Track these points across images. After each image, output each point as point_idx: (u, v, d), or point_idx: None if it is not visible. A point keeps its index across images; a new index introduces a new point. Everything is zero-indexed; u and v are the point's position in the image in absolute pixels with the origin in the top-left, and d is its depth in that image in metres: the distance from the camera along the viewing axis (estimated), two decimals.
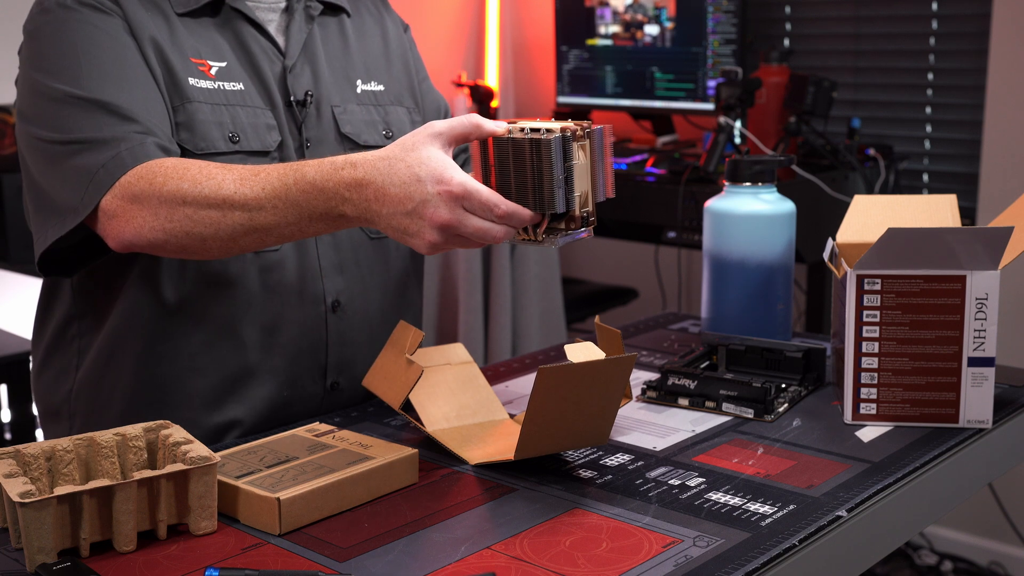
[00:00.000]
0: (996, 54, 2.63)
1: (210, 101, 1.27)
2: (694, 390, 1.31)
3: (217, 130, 1.27)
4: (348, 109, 1.38)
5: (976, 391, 1.21)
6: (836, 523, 1.00)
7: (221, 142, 1.27)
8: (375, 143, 1.38)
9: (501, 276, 2.69)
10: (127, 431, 1.05)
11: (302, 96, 1.34)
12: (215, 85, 1.29)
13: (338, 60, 1.40)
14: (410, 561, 0.94)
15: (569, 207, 1.08)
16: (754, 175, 1.45)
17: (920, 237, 1.18)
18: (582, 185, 1.09)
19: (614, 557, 0.94)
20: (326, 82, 1.37)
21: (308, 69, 1.36)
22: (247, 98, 1.30)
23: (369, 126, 1.39)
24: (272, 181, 1.11)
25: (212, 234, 1.14)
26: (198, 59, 1.28)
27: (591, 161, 1.09)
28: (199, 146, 1.25)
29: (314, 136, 1.34)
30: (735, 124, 2.50)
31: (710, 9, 2.84)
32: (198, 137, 1.25)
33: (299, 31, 1.36)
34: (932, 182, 2.88)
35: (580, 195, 1.08)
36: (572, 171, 1.07)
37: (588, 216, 1.10)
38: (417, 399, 1.23)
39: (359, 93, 1.40)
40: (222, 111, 1.28)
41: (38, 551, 0.92)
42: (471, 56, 3.48)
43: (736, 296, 1.46)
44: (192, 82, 1.27)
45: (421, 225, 1.05)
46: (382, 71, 1.45)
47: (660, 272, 3.12)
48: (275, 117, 1.31)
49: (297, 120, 1.33)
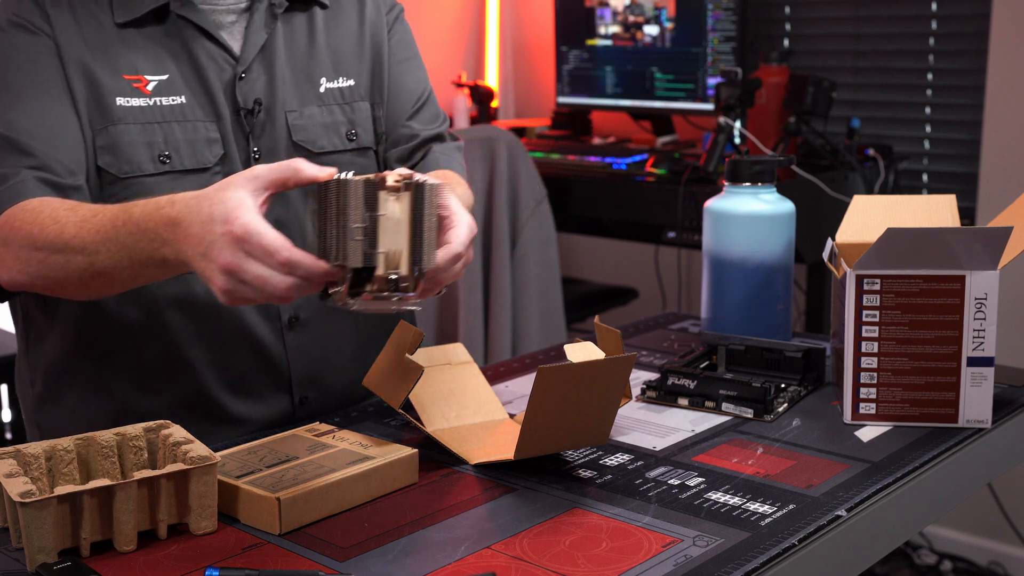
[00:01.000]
0: (996, 54, 2.63)
1: (140, 120, 1.24)
2: (694, 390, 1.31)
3: (145, 151, 1.23)
4: (306, 113, 1.33)
5: (975, 391, 1.21)
6: (836, 523, 1.00)
7: (148, 163, 1.23)
8: (333, 148, 1.35)
9: (501, 276, 2.69)
10: (127, 431, 1.05)
11: (251, 105, 1.29)
12: (150, 102, 1.24)
13: (301, 59, 1.35)
14: (410, 561, 0.94)
15: (368, 262, 0.95)
16: (754, 175, 1.45)
17: (920, 237, 1.18)
18: (392, 242, 0.96)
19: (614, 557, 0.94)
20: (283, 86, 1.32)
21: (263, 74, 1.30)
22: (187, 112, 1.26)
23: (328, 130, 1.35)
24: (105, 223, 1.07)
25: (64, 278, 1.11)
26: (133, 75, 1.25)
27: (413, 219, 0.97)
28: (123, 170, 1.23)
29: (265, 146, 1.30)
30: (735, 124, 2.50)
31: (710, 6, 2.84)
32: (122, 160, 1.23)
33: (257, 33, 1.30)
34: (932, 182, 2.88)
35: (387, 253, 0.96)
36: (378, 223, 0.95)
37: (399, 281, 0.97)
38: (417, 399, 1.24)
39: (322, 93, 1.35)
40: (154, 130, 1.24)
41: (38, 551, 0.92)
42: (471, 56, 3.48)
43: (736, 296, 1.47)
44: (120, 102, 1.23)
45: (212, 268, 0.97)
46: (352, 64, 1.39)
47: (660, 272, 3.12)
48: (219, 129, 1.27)
49: (245, 130, 1.29)
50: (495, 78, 3.50)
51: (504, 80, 3.56)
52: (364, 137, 1.38)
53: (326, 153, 1.34)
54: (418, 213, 0.97)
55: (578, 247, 3.48)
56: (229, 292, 0.97)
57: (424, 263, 0.98)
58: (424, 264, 0.98)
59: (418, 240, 0.97)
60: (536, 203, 2.68)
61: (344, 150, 1.36)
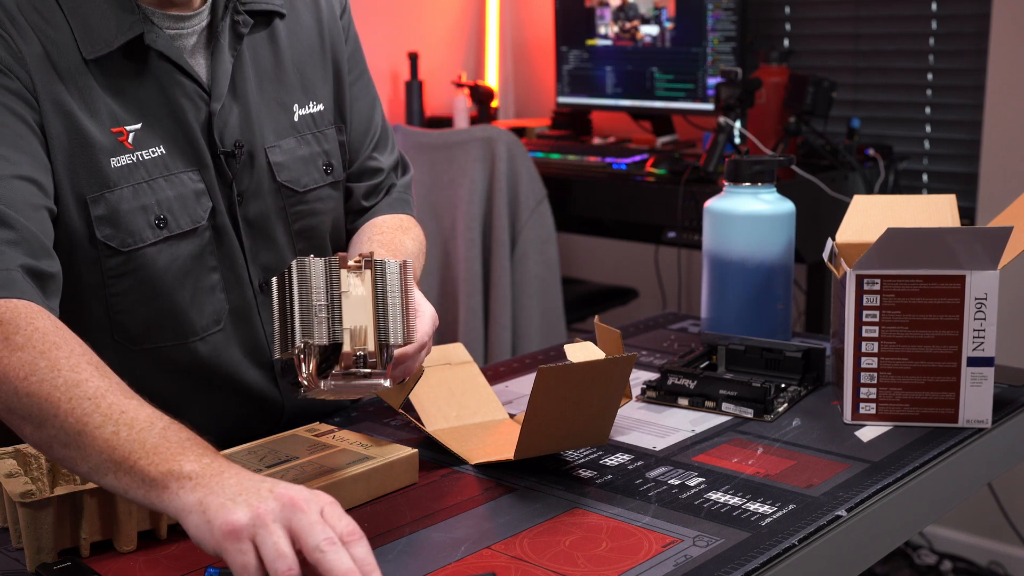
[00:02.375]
0: (996, 54, 2.63)
1: (132, 181, 1.10)
2: (694, 390, 1.31)
3: (142, 217, 1.11)
4: (284, 147, 1.23)
5: (975, 391, 1.21)
6: (836, 523, 1.01)
7: (148, 231, 1.11)
8: (315, 184, 1.26)
9: (501, 276, 2.69)
10: None
11: (231, 146, 1.17)
12: (133, 158, 1.11)
13: (270, 84, 1.23)
14: (410, 561, 0.94)
15: (335, 339, 0.95)
16: (754, 175, 1.45)
17: (919, 237, 1.18)
18: (357, 319, 0.96)
19: (614, 557, 0.94)
20: (258, 119, 1.21)
21: (237, 108, 1.18)
22: (168, 164, 1.13)
23: (307, 164, 1.26)
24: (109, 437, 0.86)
25: (22, 429, 0.92)
26: (116, 127, 1.10)
27: (376, 297, 0.98)
28: (126, 242, 1.10)
29: (249, 189, 1.20)
30: (735, 124, 2.50)
31: (710, 6, 2.84)
32: (124, 232, 1.10)
33: (225, 59, 1.17)
34: (932, 182, 2.88)
35: (353, 329, 0.96)
36: (341, 300, 0.96)
37: (366, 358, 0.96)
38: (417, 399, 1.24)
39: (296, 121, 1.25)
40: (144, 190, 1.11)
41: (38, 551, 0.92)
42: (471, 56, 3.48)
43: (736, 296, 1.47)
44: (114, 163, 1.09)
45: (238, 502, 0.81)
46: (319, 84, 1.28)
47: (660, 272, 3.12)
48: (203, 179, 1.16)
49: (228, 176, 1.18)
50: (495, 78, 3.50)
51: (504, 80, 3.56)
52: (337, 168, 1.30)
53: (310, 191, 1.26)
54: (381, 291, 0.98)
55: (578, 247, 3.48)
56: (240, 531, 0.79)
57: (392, 338, 0.98)
58: (392, 340, 0.98)
59: (383, 317, 0.97)
60: (536, 203, 2.68)
61: (323, 185, 1.28)
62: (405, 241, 1.31)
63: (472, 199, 2.66)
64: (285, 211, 1.25)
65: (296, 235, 1.27)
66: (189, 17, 1.16)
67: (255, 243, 1.23)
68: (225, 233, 1.20)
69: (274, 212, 1.24)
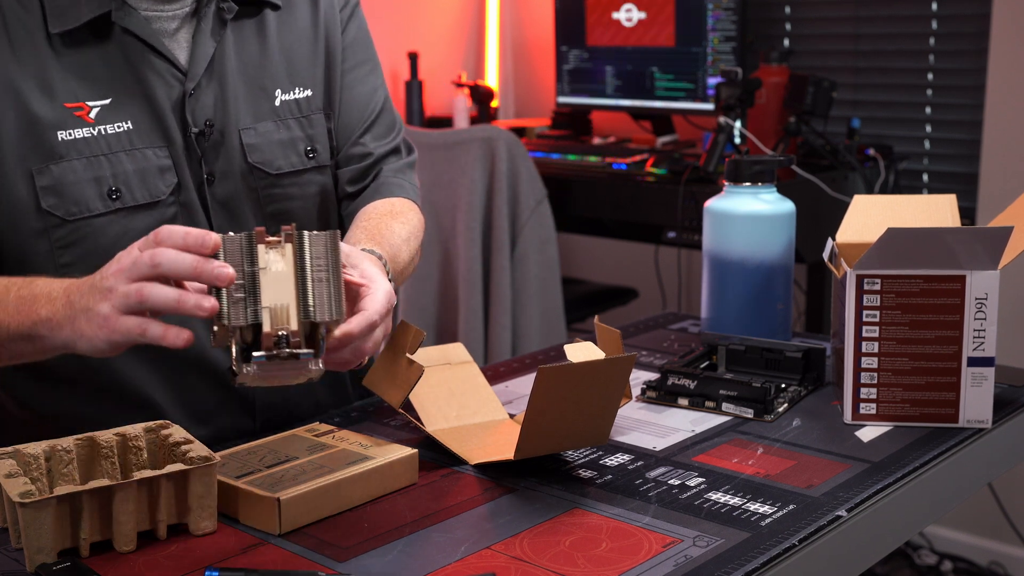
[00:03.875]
0: (996, 54, 2.63)
1: (85, 154, 1.14)
2: (694, 390, 1.31)
3: (93, 188, 1.15)
4: (261, 130, 1.25)
5: (976, 391, 1.21)
6: (836, 523, 1.00)
7: (97, 201, 1.15)
8: (292, 167, 1.27)
9: (501, 276, 2.69)
10: (127, 431, 1.05)
11: (201, 125, 1.19)
12: (93, 132, 1.15)
13: (253, 69, 1.25)
14: (410, 561, 0.94)
15: (253, 319, 0.92)
16: (754, 175, 1.45)
17: (920, 237, 1.18)
18: (277, 297, 0.92)
19: (614, 557, 0.94)
20: (235, 102, 1.23)
21: (213, 89, 1.21)
22: (134, 139, 1.17)
23: (286, 147, 1.27)
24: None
25: None
26: (74, 103, 1.14)
27: (300, 271, 0.94)
28: (71, 212, 1.14)
29: (219, 169, 1.22)
30: (735, 124, 2.50)
31: (710, 6, 2.84)
32: (69, 202, 1.14)
33: (205, 42, 1.20)
34: (932, 182, 2.88)
35: (272, 308, 0.92)
36: (257, 278, 0.92)
37: (289, 338, 0.92)
38: (417, 399, 1.24)
39: (278, 106, 1.27)
40: (101, 163, 1.15)
41: (38, 551, 0.92)
42: (471, 56, 3.48)
43: (736, 296, 1.46)
44: (62, 136, 1.13)
45: (103, 287, 0.96)
46: (307, 71, 1.30)
47: (660, 272, 3.12)
48: (171, 155, 1.19)
49: (197, 154, 1.20)
50: (495, 78, 3.50)
51: (504, 80, 3.56)
52: (323, 153, 1.31)
53: (285, 174, 1.27)
54: (305, 266, 0.93)
55: (578, 247, 3.48)
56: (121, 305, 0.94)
57: (319, 316, 0.93)
58: (319, 317, 0.93)
59: (309, 294, 0.93)
60: (536, 203, 2.68)
61: (304, 169, 1.29)
62: (393, 226, 1.29)
63: (472, 199, 2.66)
64: (257, 193, 1.26)
65: (269, 217, 1.27)
66: (172, 0, 1.20)
67: (225, 223, 1.23)
68: (193, 211, 1.21)
69: (245, 193, 1.25)
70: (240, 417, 1.30)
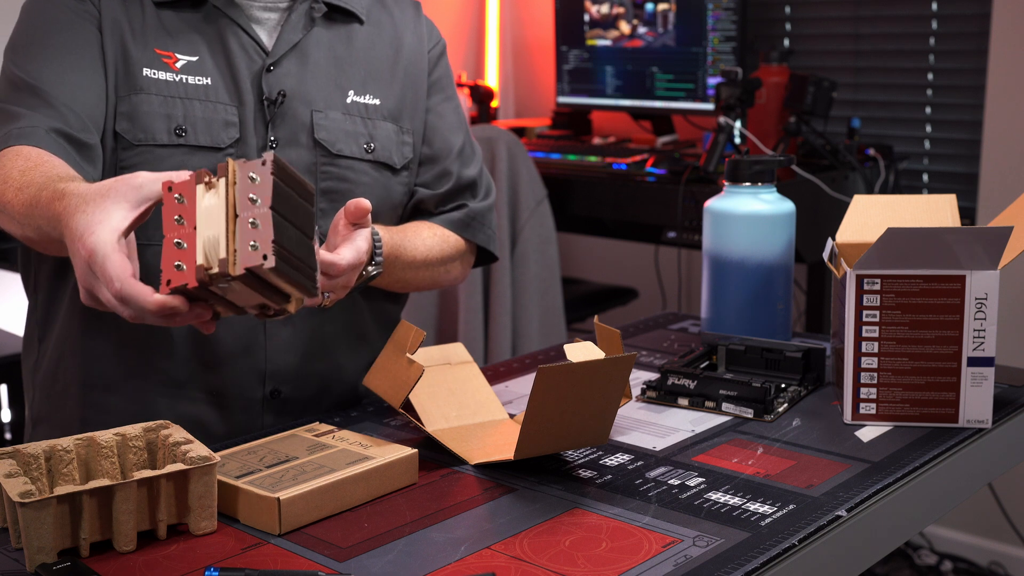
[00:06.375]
0: (996, 54, 2.63)
1: (163, 93, 1.28)
2: (694, 390, 1.31)
3: (162, 122, 1.27)
4: (330, 116, 1.35)
5: (976, 391, 1.21)
6: (836, 523, 1.00)
7: (164, 135, 1.27)
8: (351, 154, 1.35)
9: (501, 276, 2.69)
10: (127, 431, 1.05)
11: (275, 95, 1.31)
12: (176, 78, 1.29)
13: (333, 66, 1.37)
14: (410, 561, 0.94)
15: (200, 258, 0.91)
16: (754, 175, 1.45)
17: (920, 237, 1.18)
18: (209, 232, 0.91)
19: (614, 557, 0.94)
20: (312, 85, 1.34)
21: (294, 69, 1.33)
22: (211, 93, 1.29)
23: (349, 137, 1.36)
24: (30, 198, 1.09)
25: (20, 235, 1.15)
26: (164, 51, 1.29)
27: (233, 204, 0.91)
28: (137, 137, 1.26)
29: (283, 136, 1.32)
30: (735, 124, 2.50)
31: (710, 6, 2.84)
32: (138, 128, 1.26)
33: (292, 31, 1.34)
34: (932, 182, 2.88)
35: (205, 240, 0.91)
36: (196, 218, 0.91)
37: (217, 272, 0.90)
38: (417, 399, 1.24)
39: (348, 103, 1.37)
40: (175, 103, 1.28)
41: (38, 551, 0.92)
42: (471, 56, 3.48)
43: (736, 296, 1.46)
44: (147, 73, 1.28)
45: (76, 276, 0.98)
46: (383, 85, 1.40)
47: (660, 272, 3.12)
48: (239, 114, 1.30)
49: (265, 118, 1.31)
50: (495, 78, 3.50)
51: (504, 80, 3.56)
52: (381, 152, 1.38)
53: (344, 157, 1.35)
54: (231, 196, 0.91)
55: (578, 247, 3.48)
56: (91, 306, 0.98)
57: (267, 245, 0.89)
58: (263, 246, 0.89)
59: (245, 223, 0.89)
60: (536, 203, 2.68)
61: (361, 159, 1.36)
62: (415, 241, 1.37)
63: None
64: (316, 167, 1.33)
65: (320, 192, 1.33)
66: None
67: None
68: None
69: (304, 165, 1.32)
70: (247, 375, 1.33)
